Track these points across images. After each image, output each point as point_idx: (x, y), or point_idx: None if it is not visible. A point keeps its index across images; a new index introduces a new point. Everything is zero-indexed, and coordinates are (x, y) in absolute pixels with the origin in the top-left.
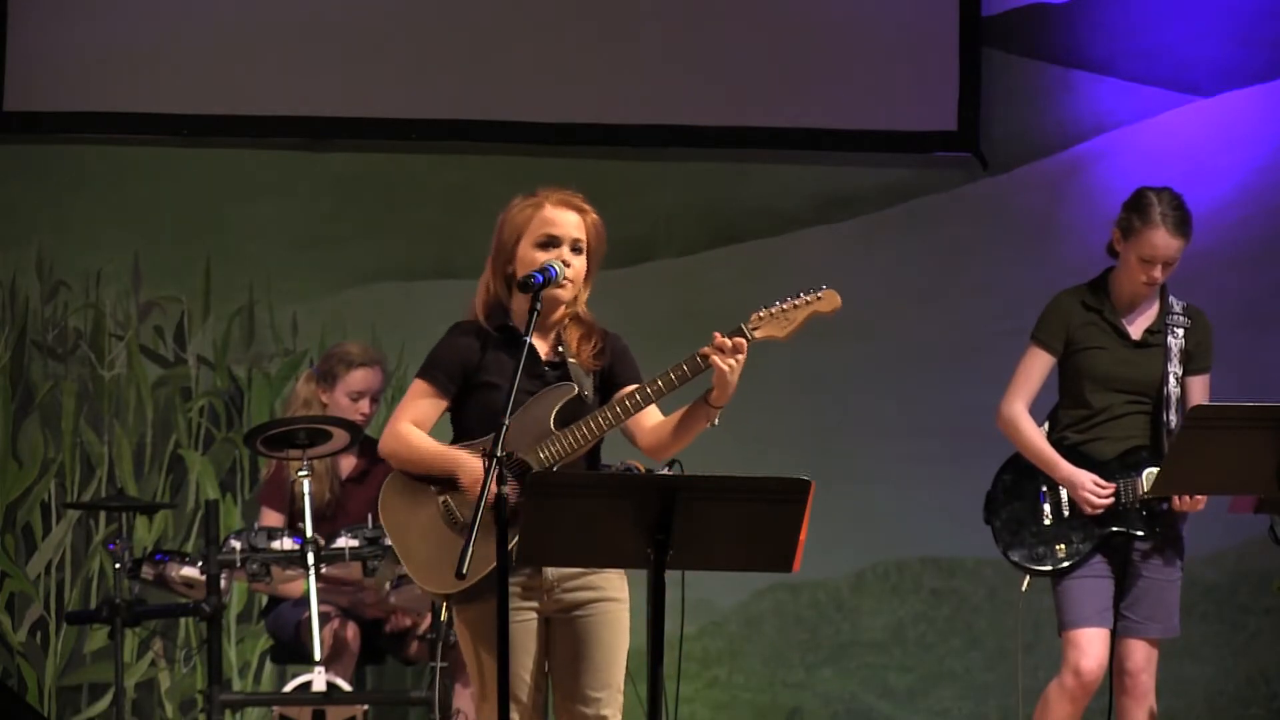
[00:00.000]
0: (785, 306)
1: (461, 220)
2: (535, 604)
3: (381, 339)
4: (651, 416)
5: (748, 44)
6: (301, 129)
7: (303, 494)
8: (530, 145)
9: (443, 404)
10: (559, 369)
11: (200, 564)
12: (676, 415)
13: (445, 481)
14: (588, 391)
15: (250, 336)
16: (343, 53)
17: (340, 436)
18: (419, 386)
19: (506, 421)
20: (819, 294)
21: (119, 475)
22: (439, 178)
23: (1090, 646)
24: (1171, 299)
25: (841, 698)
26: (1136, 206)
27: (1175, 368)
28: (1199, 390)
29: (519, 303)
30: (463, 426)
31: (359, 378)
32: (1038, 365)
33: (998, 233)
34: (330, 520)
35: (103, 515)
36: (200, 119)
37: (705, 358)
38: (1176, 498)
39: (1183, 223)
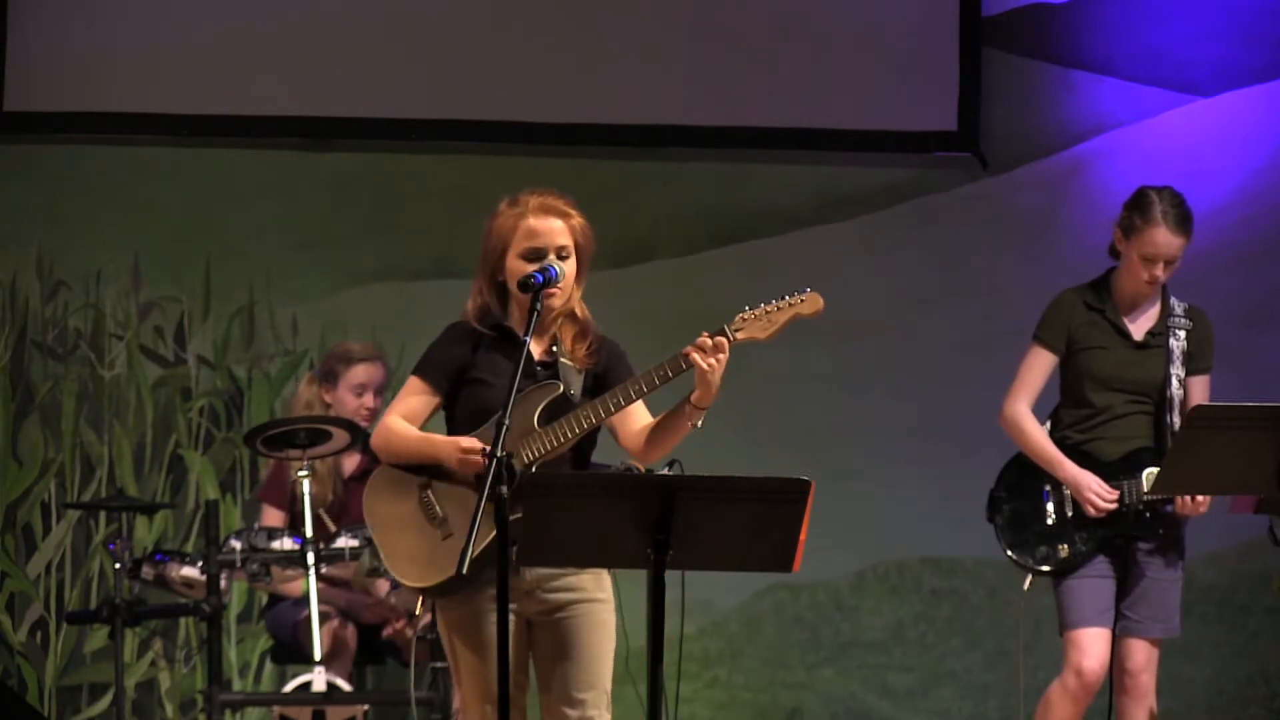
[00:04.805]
0: (769, 308)
1: (461, 220)
2: (514, 605)
3: (381, 339)
4: (639, 419)
5: (748, 44)
6: (301, 129)
7: (303, 494)
8: (530, 145)
9: (434, 401)
10: (550, 368)
11: (200, 564)
12: (660, 417)
13: (431, 469)
14: (575, 390)
15: (250, 336)
16: (342, 53)
17: (340, 436)
18: (411, 383)
19: (507, 422)
20: (802, 296)
21: (119, 475)
22: (439, 178)
23: (1092, 647)
24: (1173, 300)
25: (841, 698)
26: (1138, 205)
27: (1177, 369)
28: (1199, 390)
29: (513, 307)
30: (454, 423)
31: (360, 372)
32: (1040, 365)
33: (998, 233)
34: (334, 521)
35: (103, 515)
36: (200, 119)
37: (687, 357)
38: (1179, 501)
39: (1184, 220)
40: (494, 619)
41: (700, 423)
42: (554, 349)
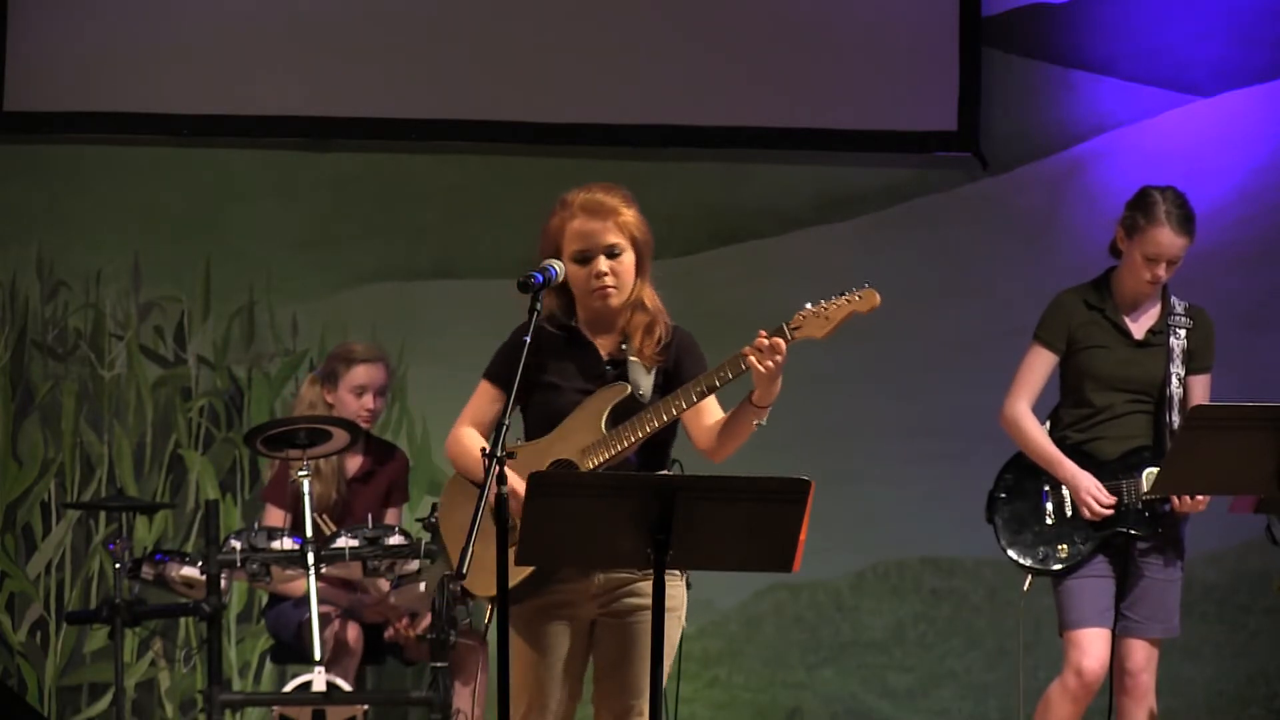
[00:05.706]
0: (826, 305)
1: (461, 220)
2: (578, 611)
3: (381, 339)
4: (710, 415)
5: (748, 44)
6: (301, 129)
7: (304, 494)
8: (530, 145)
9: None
10: (620, 367)
11: (200, 564)
12: (726, 416)
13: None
14: (644, 390)
15: (250, 336)
16: (342, 53)
17: (340, 436)
18: (481, 387)
19: (507, 423)
20: (859, 293)
21: (119, 475)
22: (439, 178)
23: (1092, 646)
24: (1174, 299)
25: (841, 698)
26: (1141, 205)
27: (1178, 368)
28: (1200, 389)
29: (578, 307)
30: (528, 427)
31: (361, 373)
32: (1040, 364)
33: (998, 233)
34: (337, 521)
35: (103, 515)
36: (200, 119)
37: (745, 358)
38: (1177, 499)
39: (1187, 221)
40: (557, 626)
41: (765, 421)
42: (623, 346)
